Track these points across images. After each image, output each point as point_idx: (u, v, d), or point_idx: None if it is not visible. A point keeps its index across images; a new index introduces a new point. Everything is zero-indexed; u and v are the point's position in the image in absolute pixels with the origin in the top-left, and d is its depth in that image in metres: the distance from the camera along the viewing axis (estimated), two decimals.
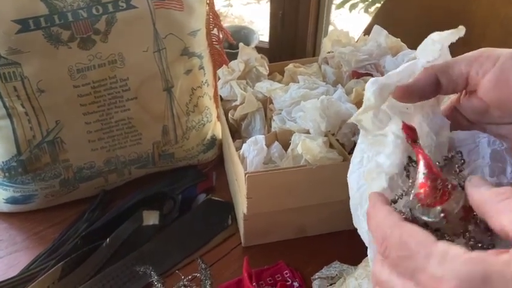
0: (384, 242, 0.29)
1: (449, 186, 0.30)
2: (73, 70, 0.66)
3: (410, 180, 0.33)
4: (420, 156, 0.32)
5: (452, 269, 0.25)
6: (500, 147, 0.35)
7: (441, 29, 0.38)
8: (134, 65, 0.69)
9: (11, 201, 0.75)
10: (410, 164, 0.34)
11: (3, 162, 0.71)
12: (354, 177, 0.37)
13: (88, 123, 0.71)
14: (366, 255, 0.36)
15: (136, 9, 0.67)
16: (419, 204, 0.31)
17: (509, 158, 0.34)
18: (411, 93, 0.35)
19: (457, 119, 0.38)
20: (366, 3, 1.72)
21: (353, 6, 1.68)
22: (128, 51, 0.68)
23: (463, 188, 0.31)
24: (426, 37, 0.37)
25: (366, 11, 1.74)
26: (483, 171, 0.34)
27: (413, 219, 0.31)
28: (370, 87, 0.35)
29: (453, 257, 0.26)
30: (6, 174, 0.72)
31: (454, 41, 0.36)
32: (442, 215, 0.30)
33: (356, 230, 0.73)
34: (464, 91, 0.37)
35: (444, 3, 0.90)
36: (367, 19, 1.55)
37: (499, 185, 0.34)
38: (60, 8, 0.63)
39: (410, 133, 0.34)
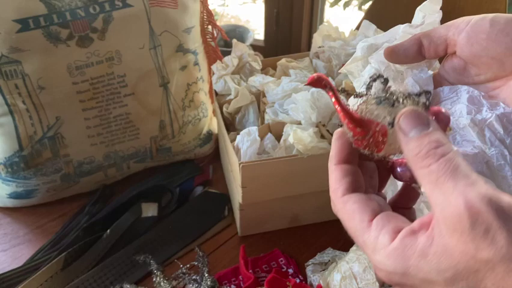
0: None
1: (380, 134, 0.30)
2: (71, 67, 0.69)
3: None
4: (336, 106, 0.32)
5: (380, 261, 0.28)
6: (478, 94, 0.39)
7: None
8: (131, 62, 0.72)
9: (14, 196, 0.77)
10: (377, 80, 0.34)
11: (5, 157, 0.73)
12: None
13: (87, 119, 0.73)
14: None
15: (131, 7, 0.69)
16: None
17: (485, 102, 0.38)
18: (397, 53, 0.40)
19: (441, 83, 0.42)
20: (360, 0, 1.74)
21: (347, 4, 1.71)
22: (125, 49, 0.71)
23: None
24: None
25: (360, 8, 1.77)
26: (461, 111, 0.38)
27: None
28: (360, 44, 0.41)
29: (380, 250, 0.28)
30: (9, 169, 0.74)
31: (437, 9, 0.41)
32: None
33: None
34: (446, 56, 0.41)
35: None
36: (361, 16, 1.57)
37: (474, 121, 0.37)
38: (58, 8, 0.66)
39: (316, 83, 0.32)
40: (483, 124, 0.37)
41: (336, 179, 0.33)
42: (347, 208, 0.31)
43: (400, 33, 0.41)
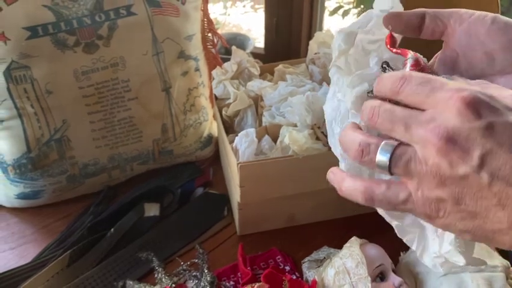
0: (401, 79, 0.32)
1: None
2: (78, 73, 0.72)
3: None
4: (409, 55, 0.37)
5: (468, 86, 0.30)
6: None
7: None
8: (135, 68, 0.75)
9: (22, 196, 0.80)
10: (387, 67, 0.39)
11: (14, 159, 0.76)
12: (329, 104, 0.42)
13: (92, 122, 0.76)
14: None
15: (135, 16, 0.73)
16: None
17: None
18: (400, 19, 0.41)
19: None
20: (359, 9, 1.78)
21: (346, 13, 1.74)
22: (129, 55, 0.74)
23: None
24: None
25: (358, 17, 1.80)
26: None
27: None
28: (339, 36, 0.41)
29: (469, 83, 0.31)
30: (17, 170, 0.77)
31: None
32: None
33: (343, 218, 0.78)
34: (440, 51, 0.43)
35: (430, 7, 0.95)
36: None
37: None
38: (66, 16, 0.69)
39: (389, 40, 0.38)
40: None
41: None
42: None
43: (374, 18, 0.42)
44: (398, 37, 0.41)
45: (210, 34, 0.86)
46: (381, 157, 0.31)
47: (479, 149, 0.28)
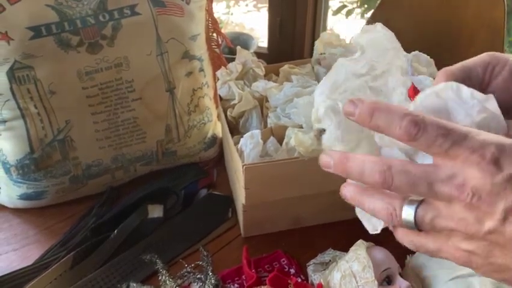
0: (417, 125, 0.30)
1: None
2: (81, 73, 0.71)
3: None
4: None
5: (489, 139, 0.29)
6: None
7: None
8: (139, 68, 0.75)
9: (24, 197, 0.80)
10: None
11: (17, 160, 0.75)
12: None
13: (96, 123, 0.76)
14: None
15: (139, 15, 0.72)
16: None
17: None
18: (467, 74, 0.39)
19: None
20: (362, 9, 1.77)
21: (349, 12, 1.73)
22: (133, 55, 0.73)
23: None
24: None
25: (362, 16, 1.79)
26: None
27: None
28: (321, 98, 0.43)
29: (486, 134, 0.30)
30: (20, 171, 0.77)
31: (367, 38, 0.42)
32: None
33: (349, 220, 0.78)
34: None
35: (433, 10, 0.94)
36: (363, 24, 1.59)
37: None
38: (70, 16, 0.68)
39: (412, 93, 0.39)
40: None
41: None
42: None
43: (344, 73, 0.42)
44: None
45: (214, 34, 0.86)
46: (407, 217, 0.32)
47: (502, 203, 0.28)
